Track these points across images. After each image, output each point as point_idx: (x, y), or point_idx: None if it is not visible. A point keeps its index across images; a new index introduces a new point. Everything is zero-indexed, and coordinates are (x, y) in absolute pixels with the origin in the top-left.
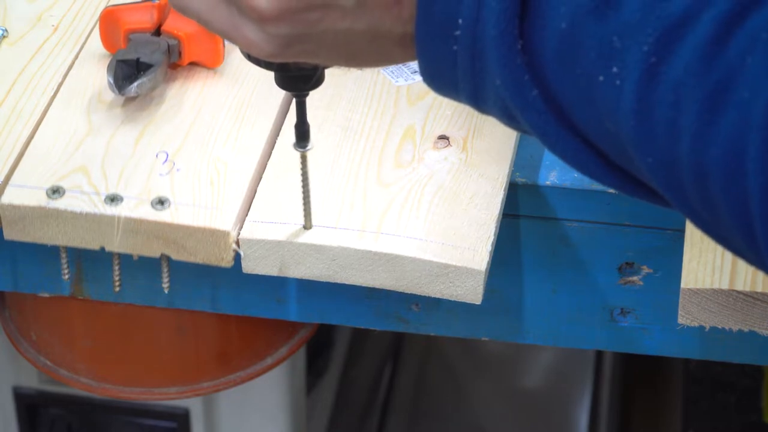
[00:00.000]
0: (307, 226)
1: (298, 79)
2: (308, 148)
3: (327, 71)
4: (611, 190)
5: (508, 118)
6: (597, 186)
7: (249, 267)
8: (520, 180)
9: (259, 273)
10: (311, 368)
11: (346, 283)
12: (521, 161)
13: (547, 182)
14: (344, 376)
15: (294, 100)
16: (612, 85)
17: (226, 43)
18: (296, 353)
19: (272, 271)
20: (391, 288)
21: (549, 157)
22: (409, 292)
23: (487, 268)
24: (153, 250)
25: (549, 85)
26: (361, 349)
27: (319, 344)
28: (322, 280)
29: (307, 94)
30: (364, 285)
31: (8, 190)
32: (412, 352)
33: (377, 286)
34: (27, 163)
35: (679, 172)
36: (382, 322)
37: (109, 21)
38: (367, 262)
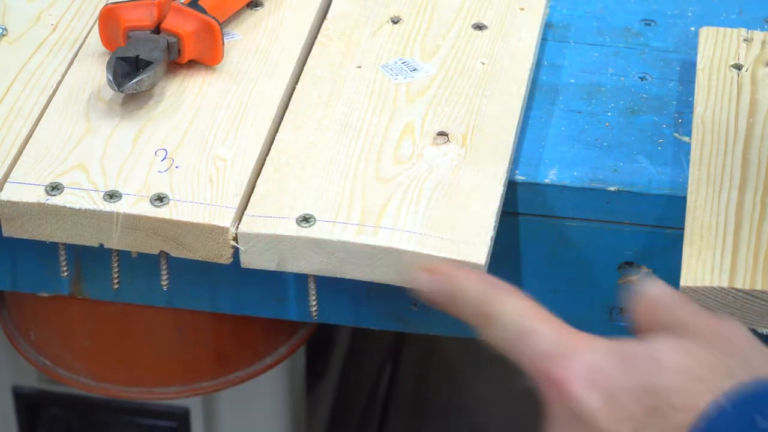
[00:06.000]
0: None
1: None
2: None
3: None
4: (611, 188)
5: None
6: (597, 184)
7: (247, 261)
8: (519, 178)
9: (258, 267)
10: (311, 368)
11: (345, 277)
12: (521, 159)
13: (547, 180)
14: (344, 376)
15: (292, 98)
16: None
17: (226, 41)
18: (296, 353)
19: (271, 265)
20: (391, 282)
21: (549, 155)
22: (409, 286)
23: (486, 262)
24: (152, 247)
25: None
26: (361, 349)
27: (319, 344)
28: (320, 274)
29: None
30: (363, 279)
31: (7, 187)
32: (412, 352)
33: (376, 281)
34: (26, 160)
35: None
36: (382, 322)
37: (108, 18)
38: (366, 256)
